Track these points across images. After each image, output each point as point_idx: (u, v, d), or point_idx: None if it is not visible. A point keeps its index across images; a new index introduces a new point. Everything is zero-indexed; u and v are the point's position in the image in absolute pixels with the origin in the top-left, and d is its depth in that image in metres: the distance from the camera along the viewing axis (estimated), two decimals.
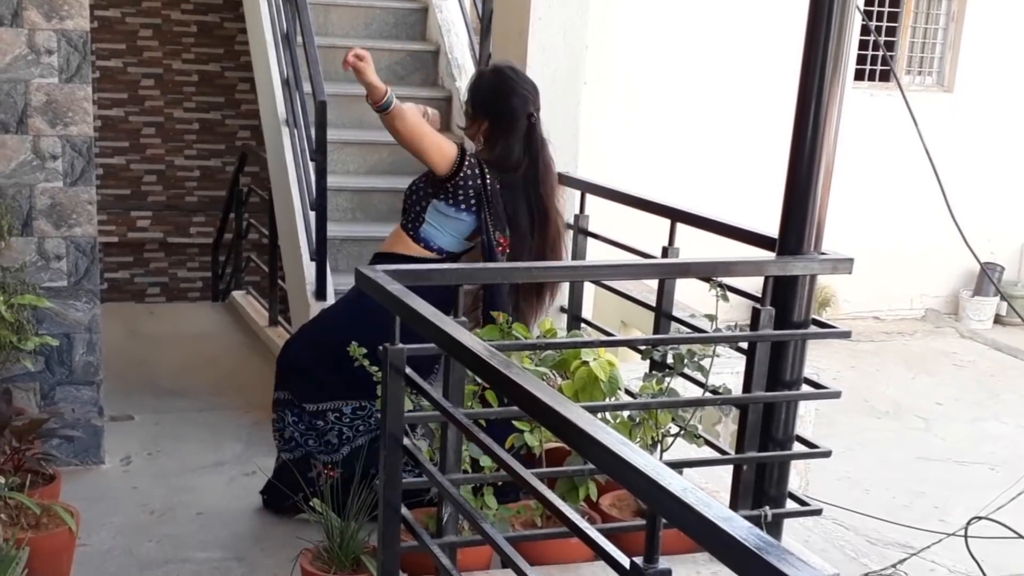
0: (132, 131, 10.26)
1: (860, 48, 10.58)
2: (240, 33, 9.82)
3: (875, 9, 10.76)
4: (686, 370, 3.32)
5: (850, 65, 9.43)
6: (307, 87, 5.15)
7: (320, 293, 4.93)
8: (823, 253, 3.19)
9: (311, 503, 3.38)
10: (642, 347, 3.91)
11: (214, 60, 10.33)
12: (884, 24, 10.92)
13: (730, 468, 3.42)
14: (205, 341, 6.32)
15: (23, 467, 3.62)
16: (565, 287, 4.49)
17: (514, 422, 3.26)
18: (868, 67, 10.88)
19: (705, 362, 3.29)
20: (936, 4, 11.19)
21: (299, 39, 5.32)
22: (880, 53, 10.67)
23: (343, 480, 3.54)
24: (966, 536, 3.95)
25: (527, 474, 2.17)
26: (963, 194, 8.89)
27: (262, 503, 4.05)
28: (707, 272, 3.31)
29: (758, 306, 3.20)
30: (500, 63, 4.11)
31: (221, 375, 5.64)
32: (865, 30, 9.83)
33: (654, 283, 4.14)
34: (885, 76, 10.88)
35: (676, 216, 3.96)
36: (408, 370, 2.64)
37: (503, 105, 3.82)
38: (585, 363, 3.39)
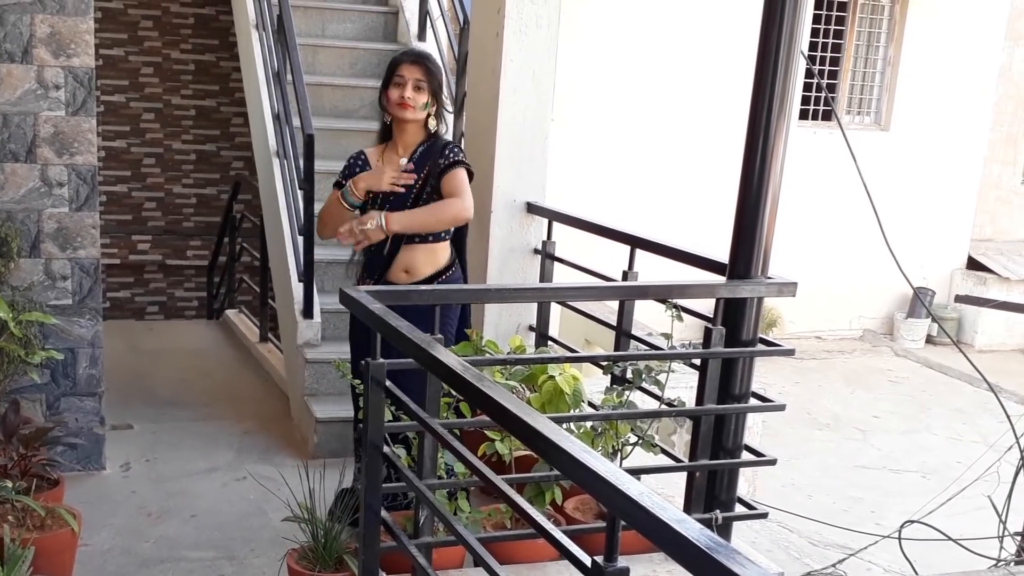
0: (133, 161, 10.21)
1: (804, 89, 10.68)
2: (235, 71, 9.81)
3: (818, 54, 10.87)
4: (644, 384, 3.33)
5: (795, 104, 9.53)
6: (296, 121, 5.15)
7: (307, 311, 4.92)
8: (770, 277, 3.22)
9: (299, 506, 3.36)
10: (604, 363, 3.92)
11: (210, 96, 10.31)
12: (827, 68, 11.04)
13: (684, 474, 3.43)
14: (200, 356, 6.28)
15: (29, 472, 3.59)
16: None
17: (486, 431, 3.26)
18: (812, 107, 10.98)
19: (661, 377, 3.30)
20: (874, 50, 11.31)
21: (289, 77, 5.32)
22: (822, 94, 10.77)
23: None
24: (900, 538, 3.97)
25: (497, 480, 2.17)
26: (898, 224, 9.00)
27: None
28: (663, 294, 3.33)
29: (710, 326, 3.22)
30: (413, 50, 4.05)
31: (215, 388, 5.60)
32: (809, 73, 9.94)
33: (615, 304, 4.15)
34: (827, 115, 10.98)
35: (635, 243, 3.99)
36: (388, 383, 2.64)
37: (441, 83, 3.80)
38: (551, 377, 3.40)
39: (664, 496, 3.85)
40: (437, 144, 3.73)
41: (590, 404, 3.60)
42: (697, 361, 3.31)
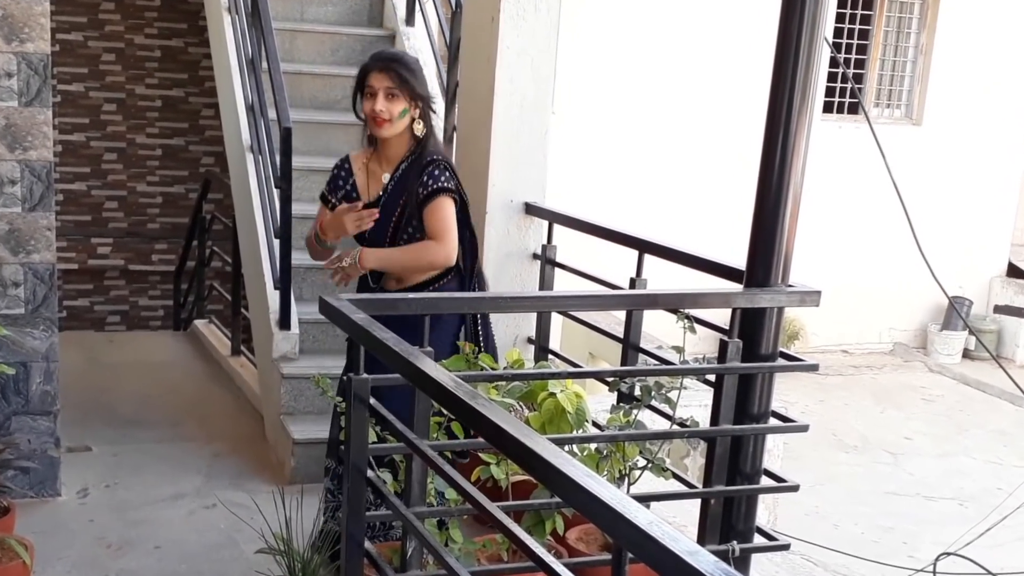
0: (93, 156, 10.22)
1: (828, 80, 10.71)
2: (205, 58, 9.84)
3: (844, 41, 10.90)
4: (653, 402, 3.33)
5: (818, 97, 9.55)
6: (272, 113, 5.15)
7: (284, 322, 4.92)
8: (791, 285, 3.21)
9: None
10: (609, 379, 3.90)
11: (178, 85, 10.32)
12: (853, 56, 11.07)
13: (697, 502, 3.43)
14: (166, 371, 6.27)
15: None
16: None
17: (480, 454, 3.26)
18: (836, 99, 11.01)
19: (672, 394, 3.30)
20: (905, 37, 11.34)
21: (264, 65, 5.32)
22: (848, 85, 10.80)
23: None
24: (935, 572, 3.97)
25: (493, 507, 2.17)
26: (931, 227, 9.03)
27: None
28: (675, 304, 3.33)
29: (725, 338, 3.22)
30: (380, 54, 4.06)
31: (182, 406, 5.60)
32: (833, 62, 9.97)
33: (622, 314, 4.15)
34: (853, 108, 11.01)
35: (644, 247, 3.99)
36: (372, 400, 2.64)
37: (424, 79, 3.78)
38: (552, 395, 3.40)
39: (676, 526, 3.85)
40: (422, 159, 3.70)
41: (594, 424, 3.59)
42: (712, 377, 3.31)
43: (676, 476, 3.49)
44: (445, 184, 3.67)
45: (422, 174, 3.67)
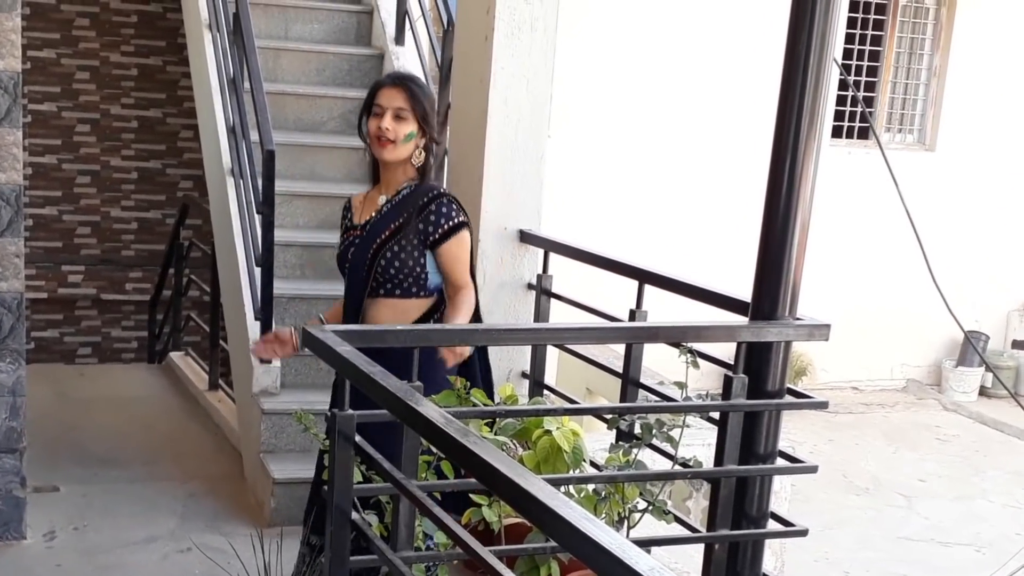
0: (65, 180, 10.22)
1: (838, 104, 10.77)
2: (184, 77, 9.85)
3: (853, 63, 10.97)
4: (654, 441, 3.32)
5: (827, 121, 9.59)
6: (254, 135, 5.16)
7: None
8: (799, 318, 3.22)
9: None
10: (608, 416, 3.90)
11: (155, 105, 10.34)
12: (863, 79, 11.13)
13: (701, 547, 3.41)
14: (139, 406, 6.26)
15: None
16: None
17: (471, 495, 3.25)
18: (846, 123, 11.06)
19: (675, 433, 3.29)
20: (918, 59, 11.41)
21: (247, 84, 5.34)
22: (859, 109, 10.85)
23: None
24: None
25: (485, 552, 2.16)
26: (946, 258, 9.05)
27: None
28: (676, 337, 3.33)
29: (730, 374, 3.22)
30: (394, 72, 4.05)
31: (156, 443, 5.58)
32: (843, 84, 10.02)
33: (621, 348, 4.15)
34: (864, 133, 11.06)
35: (644, 277, 3.99)
36: (358, 438, 2.63)
37: (431, 108, 3.78)
38: (547, 432, 3.39)
39: (678, 572, 3.84)
40: (421, 189, 3.68)
41: (592, 464, 3.58)
42: (716, 415, 3.31)
43: (678, 519, 3.48)
44: (460, 219, 3.68)
45: (427, 208, 3.64)
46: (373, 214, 3.73)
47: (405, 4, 6.56)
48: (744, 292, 3.34)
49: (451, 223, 3.64)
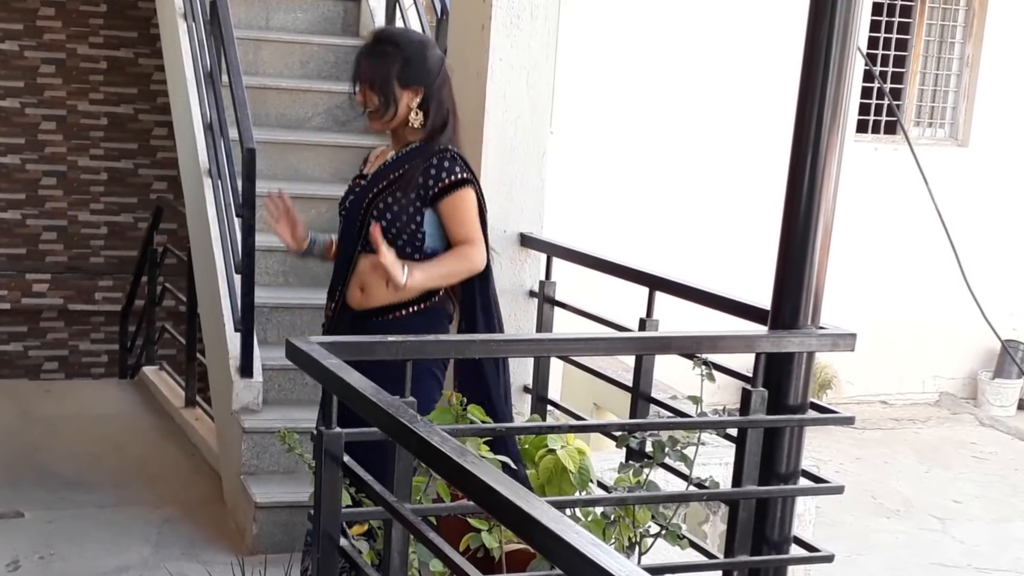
0: (29, 181, 10.24)
1: (863, 96, 10.78)
2: (157, 70, 9.87)
3: (879, 52, 10.97)
4: (667, 460, 3.33)
5: (851, 115, 9.60)
6: (233, 133, 5.17)
7: (245, 369, 4.91)
8: (822, 327, 3.22)
9: None
10: (617, 433, 3.91)
11: (126, 101, 10.36)
12: (890, 69, 11.14)
13: (718, 574, 3.42)
14: (110, 424, 6.25)
15: None
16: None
17: (470, 520, 3.25)
18: (872, 117, 11.07)
19: (689, 451, 3.30)
20: (948, 48, 11.43)
21: (225, 78, 5.34)
22: (885, 102, 10.87)
23: None
24: None
25: None
26: (981, 262, 9.05)
27: None
28: (690, 348, 3.33)
29: (749, 387, 3.22)
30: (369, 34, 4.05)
31: (128, 464, 5.58)
32: (868, 76, 10.03)
33: (630, 360, 4.15)
34: (891, 128, 11.06)
35: (655, 284, 4.00)
36: (347, 458, 2.63)
37: (431, 60, 3.76)
38: (552, 451, 3.40)
39: None
40: (429, 146, 3.70)
41: (600, 484, 3.59)
42: (733, 431, 3.31)
43: (694, 544, 3.48)
44: (464, 175, 3.68)
45: (429, 162, 3.66)
46: (381, 166, 3.78)
47: None
48: (763, 299, 3.35)
49: (453, 178, 3.66)
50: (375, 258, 3.54)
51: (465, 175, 3.69)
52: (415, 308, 3.70)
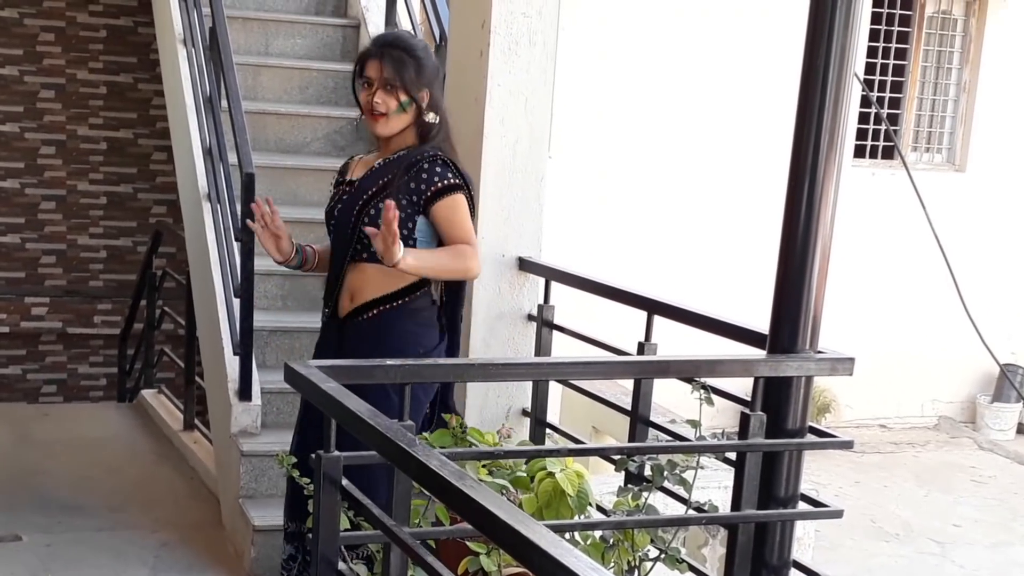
0: (28, 205, 10.24)
1: (860, 121, 10.81)
2: (156, 96, 9.89)
3: (876, 78, 11.01)
4: (666, 484, 3.32)
5: (848, 140, 9.63)
6: (232, 158, 5.18)
7: (244, 392, 4.91)
8: (820, 351, 3.23)
9: None
10: (616, 457, 3.91)
11: (125, 125, 10.37)
12: (887, 95, 11.17)
13: None
14: (108, 448, 6.24)
15: None
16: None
17: (468, 543, 3.25)
18: (869, 143, 11.09)
19: (688, 475, 3.29)
20: (946, 73, 11.46)
21: (224, 103, 5.36)
22: (883, 127, 10.89)
23: None
24: None
25: None
26: (979, 286, 9.06)
27: None
28: (689, 372, 3.33)
29: (747, 411, 3.22)
30: (380, 37, 4.04)
31: (126, 488, 5.56)
32: (865, 101, 10.06)
33: (629, 384, 4.15)
34: (888, 153, 11.09)
35: (653, 307, 4.00)
36: (345, 482, 2.63)
37: (433, 63, 3.80)
38: (550, 475, 3.39)
39: None
40: (420, 149, 3.71)
41: (598, 508, 3.58)
42: (732, 455, 3.31)
43: (693, 568, 3.48)
44: (455, 181, 3.69)
45: (419, 166, 3.67)
46: (365, 172, 3.79)
47: (394, 17, 6.60)
48: (761, 323, 3.35)
49: (444, 183, 3.66)
50: (378, 231, 3.47)
51: (457, 180, 3.70)
52: (391, 305, 3.71)
